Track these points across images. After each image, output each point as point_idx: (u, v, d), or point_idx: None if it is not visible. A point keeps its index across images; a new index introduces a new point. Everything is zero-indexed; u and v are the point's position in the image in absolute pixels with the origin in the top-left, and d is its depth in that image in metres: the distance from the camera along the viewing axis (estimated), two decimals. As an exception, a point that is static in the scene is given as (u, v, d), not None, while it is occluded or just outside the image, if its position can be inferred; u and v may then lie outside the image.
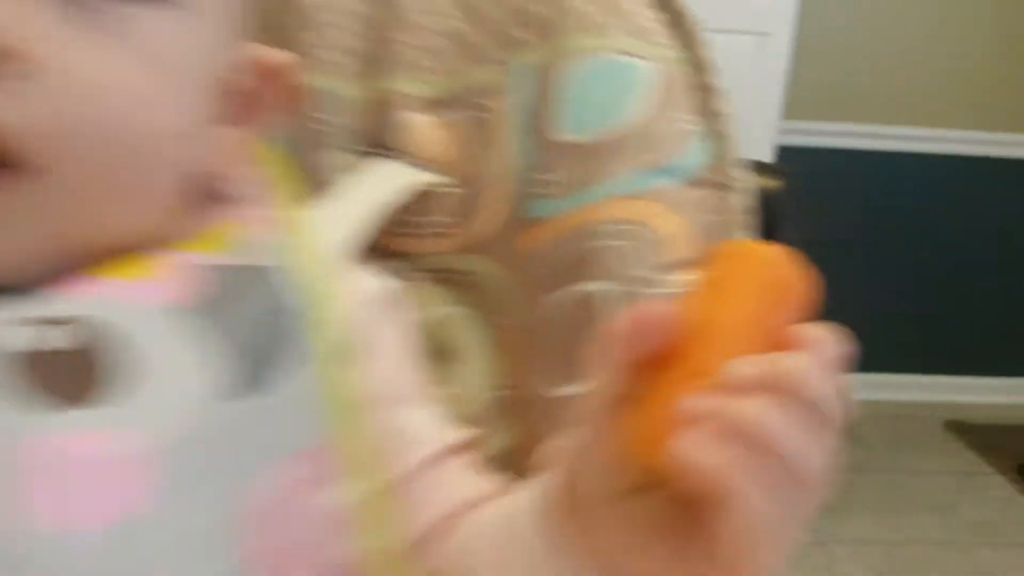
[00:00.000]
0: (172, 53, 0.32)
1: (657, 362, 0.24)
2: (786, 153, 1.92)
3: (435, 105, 0.46)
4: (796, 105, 1.93)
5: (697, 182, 0.40)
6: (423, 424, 0.36)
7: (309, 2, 0.46)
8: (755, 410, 0.23)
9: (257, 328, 0.32)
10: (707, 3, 1.49)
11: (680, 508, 0.25)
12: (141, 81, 0.30)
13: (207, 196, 0.36)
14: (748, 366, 0.24)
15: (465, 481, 0.36)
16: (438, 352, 0.43)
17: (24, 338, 0.28)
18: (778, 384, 0.23)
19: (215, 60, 0.34)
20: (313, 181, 0.45)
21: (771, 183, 0.51)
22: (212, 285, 0.32)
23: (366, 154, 0.46)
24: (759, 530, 0.23)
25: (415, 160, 0.46)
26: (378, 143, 0.46)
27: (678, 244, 0.39)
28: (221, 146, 0.36)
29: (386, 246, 0.45)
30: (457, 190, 0.45)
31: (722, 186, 0.40)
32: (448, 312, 0.45)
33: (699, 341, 0.24)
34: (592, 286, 0.39)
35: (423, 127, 0.46)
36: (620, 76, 0.41)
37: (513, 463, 0.39)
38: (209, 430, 0.29)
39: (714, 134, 0.40)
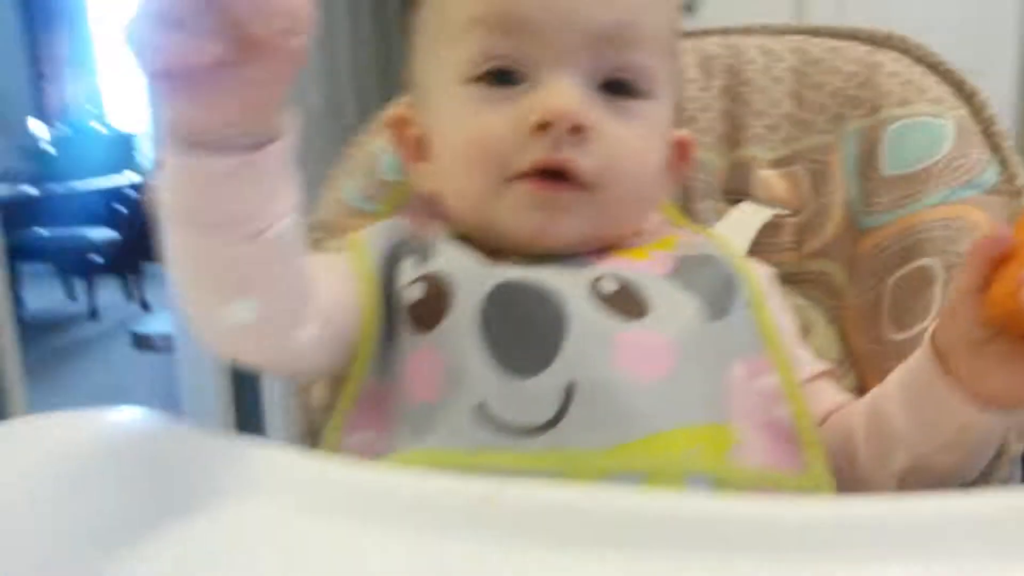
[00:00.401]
0: (658, 128, 0.55)
1: (1000, 261, 0.41)
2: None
3: (777, 163, 0.67)
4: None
5: (993, 191, 0.57)
6: (803, 355, 0.55)
7: (688, 102, 0.70)
8: None
9: (715, 285, 0.53)
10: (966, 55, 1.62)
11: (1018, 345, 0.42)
12: (643, 142, 0.54)
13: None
14: None
15: (835, 394, 0.54)
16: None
17: (603, 286, 0.51)
18: None
19: (668, 133, 0.57)
20: (695, 220, 0.67)
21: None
22: (683, 263, 0.54)
23: (735, 201, 0.68)
24: None
25: (766, 202, 0.67)
26: (743, 192, 0.68)
27: (984, 229, 0.56)
28: (665, 189, 0.59)
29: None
30: (794, 219, 0.66)
31: (1012, 193, 0.57)
32: (800, 303, 0.64)
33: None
34: (927, 261, 0.57)
35: (770, 178, 0.67)
36: (927, 130, 0.60)
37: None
38: (700, 336, 0.50)
39: (1000, 159, 0.58)
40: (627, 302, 0.50)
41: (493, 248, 0.54)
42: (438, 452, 0.47)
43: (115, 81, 5.86)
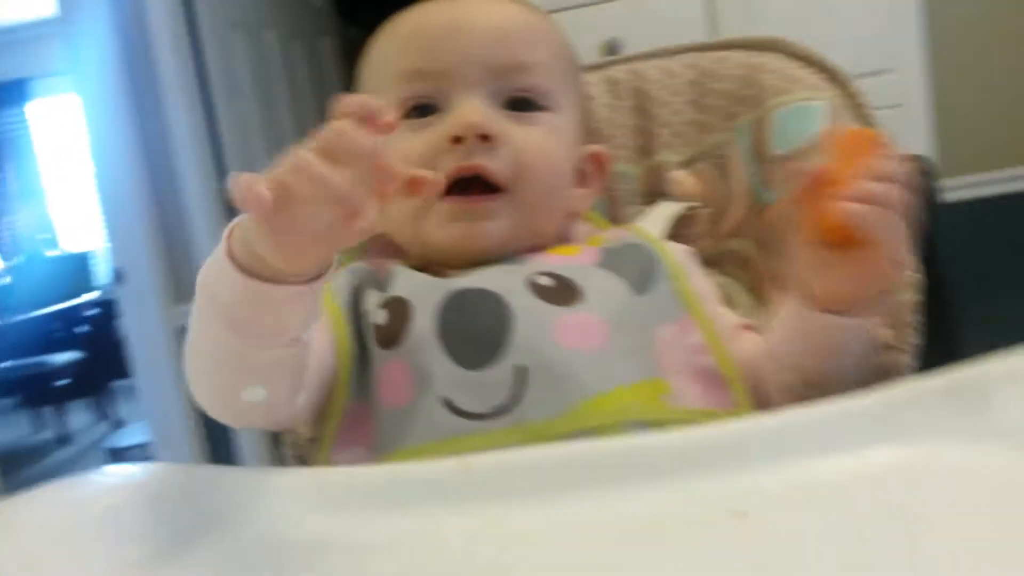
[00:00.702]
0: (561, 133, 0.63)
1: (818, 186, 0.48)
2: (946, 209, 2.06)
3: (686, 164, 0.76)
4: (946, 163, 2.10)
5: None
6: (724, 312, 0.63)
7: (602, 124, 0.78)
8: (876, 187, 0.47)
9: (639, 266, 0.60)
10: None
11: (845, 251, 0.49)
12: (546, 143, 0.62)
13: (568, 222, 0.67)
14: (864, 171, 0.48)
15: (756, 342, 0.61)
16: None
17: (538, 280, 0.58)
18: (880, 175, 0.47)
19: (574, 146, 0.65)
20: (618, 222, 0.75)
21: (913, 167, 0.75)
22: (609, 253, 0.61)
23: (651, 202, 0.76)
24: (887, 249, 0.47)
25: (680, 198, 0.75)
26: (660, 194, 0.76)
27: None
28: (575, 197, 0.66)
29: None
30: (708, 209, 0.74)
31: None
32: (720, 280, 0.72)
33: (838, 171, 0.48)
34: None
35: (682, 178, 0.75)
36: (805, 112, 0.69)
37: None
38: (629, 309, 0.57)
39: (864, 124, 0.67)
40: (562, 291, 0.57)
41: (439, 267, 0.62)
42: (414, 449, 0.53)
43: (65, 205, 5.90)
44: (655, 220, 0.72)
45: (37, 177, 5.86)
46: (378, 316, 0.59)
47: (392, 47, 0.65)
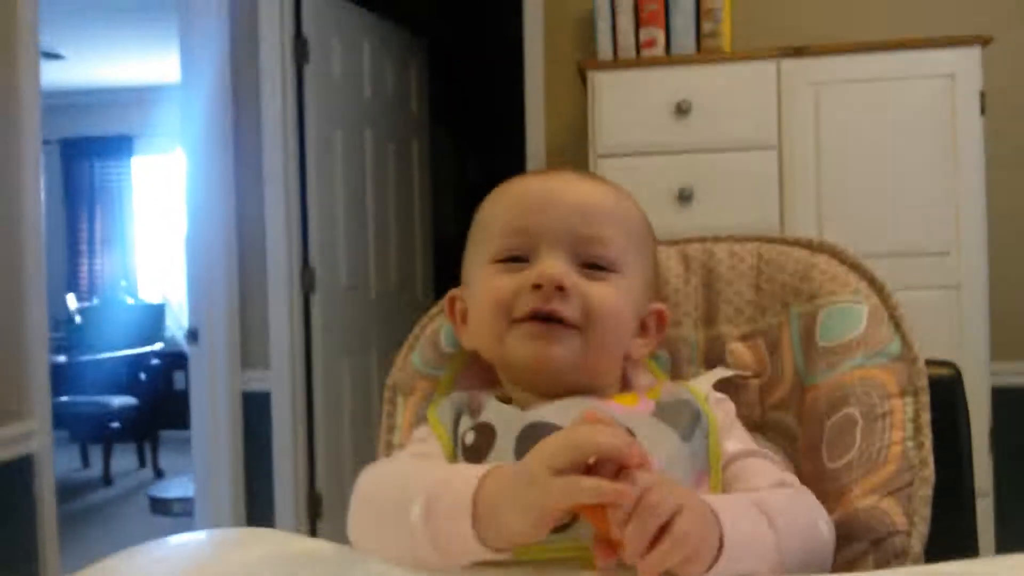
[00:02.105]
0: (625, 290, 0.76)
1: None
2: (1001, 394, 2.12)
3: (743, 338, 0.88)
4: (1002, 347, 2.17)
5: (896, 359, 0.76)
6: (731, 446, 0.73)
7: (672, 292, 0.91)
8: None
9: (687, 421, 0.71)
10: (908, 267, 1.87)
11: None
12: (611, 297, 0.74)
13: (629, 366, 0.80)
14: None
15: (759, 473, 0.71)
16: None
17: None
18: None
19: (640, 301, 0.78)
20: (678, 379, 0.86)
21: (944, 371, 0.86)
22: (662, 407, 0.73)
23: (709, 367, 0.88)
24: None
25: (735, 367, 0.86)
26: (718, 360, 0.87)
27: (890, 387, 0.75)
28: (636, 345, 0.79)
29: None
30: (757, 380, 0.85)
31: (909, 360, 0.76)
32: (765, 447, 0.82)
33: None
34: (850, 409, 0.75)
35: (738, 349, 0.87)
36: (849, 313, 0.80)
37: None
38: (677, 454, 0.68)
39: (901, 336, 0.77)
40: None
41: (520, 402, 0.74)
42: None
43: (147, 256, 6.22)
44: (707, 379, 0.83)
45: (127, 227, 6.22)
46: (468, 437, 0.72)
47: (499, 208, 0.80)
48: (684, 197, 2.08)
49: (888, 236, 2.03)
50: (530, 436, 0.69)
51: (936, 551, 0.68)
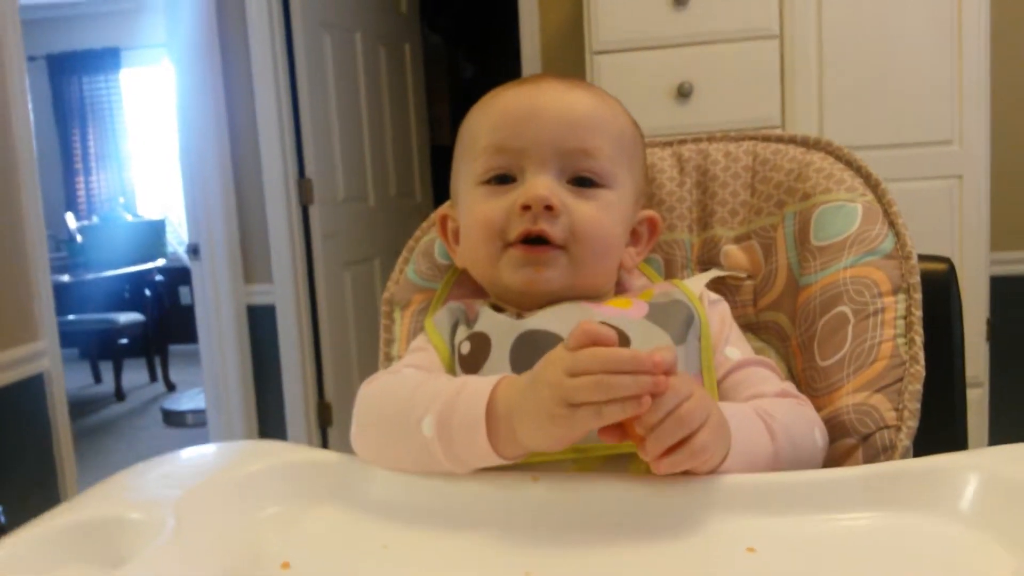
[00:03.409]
0: (614, 206, 0.75)
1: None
2: (1000, 284, 2.13)
3: (737, 239, 0.87)
4: (1002, 237, 2.17)
5: (889, 256, 0.76)
6: (732, 353, 0.75)
7: (667, 195, 0.90)
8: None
9: (681, 322, 0.72)
10: (910, 158, 1.86)
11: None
12: (600, 215, 0.74)
13: (625, 272, 0.80)
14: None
15: (758, 382, 0.73)
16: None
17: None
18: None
19: (629, 213, 0.77)
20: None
21: (937, 266, 0.86)
22: (655, 308, 0.73)
23: (704, 269, 0.88)
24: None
25: (730, 268, 0.86)
26: (712, 263, 0.87)
27: (882, 285, 0.75)
28: (629, 255, 0.79)
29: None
30: (750, 281, 0.85)
31: (903, 257, 0.76)
32: (758, 345, 0.83)
33: None
34: (843, 308, 0.75)
35: (732, 251, 0.87)
36: (843, 212, 0.79)
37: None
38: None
39: (895, 232, 0.77)
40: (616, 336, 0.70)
41: (513, 308, 0.75)
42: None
43: (143, 172, 6.17)
44: (700, 280, 0.83)
45: (121, 143, 6.14)
46: (464, 347, 0.72)
47: (482, 124, 0.78)
48: (683, 93, 2.04)
49: (890, 126, 2.00)
50: (525, 343, 0.70)
51: (926, 445, 0.69)
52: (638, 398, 0.53)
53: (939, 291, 0.85)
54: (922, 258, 0.79)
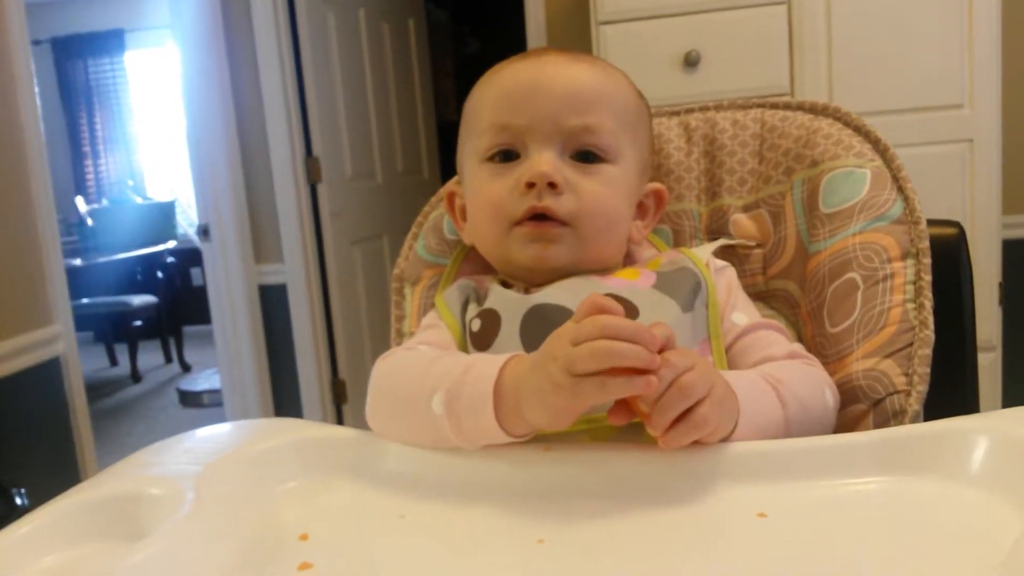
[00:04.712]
0: (618, 181, 0.75)
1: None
2: (1012, 247, 2.12)
3: (745, 208, 0.87)
4: (1014, 200, 2.15)
5: (898, 221, 0.76)
6: (740, 318, 0.75)
7: (674, 165, 0.90)
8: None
9: (688, 290, 0.72)
10: (921, 122, 1.84)
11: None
12: (604, 190, 0.74)
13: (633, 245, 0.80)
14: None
15: (767, 345, 0.73)
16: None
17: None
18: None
19: (634, 186, 0.77)
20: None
21: (947, 231, 0.85)
22: (663, 277, 0.73)
23: (712, 239, 0.88)
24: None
25: (739, 237, 0.86)
26: (721, 232, 0.87)
27: (891, 251, 0.75)
28: (636, 228, 0.79)
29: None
30: (759, 249, 0.85)
31: (912, 222, 0.76)
32: (768, 313, 0.83)
33: None
34: (852, 274, 0.75)
35: (741, 220, 0.87)
36: (852, 178, 0.79)
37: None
38: (679, 323, 0.70)
39: (904, 197, 0.77)
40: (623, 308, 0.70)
41: (522, 284, 0.75)
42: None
43: (151, 154, 6.17)
44: (707, 248, 0.83)
45: (128, 125, 6.14)
46: (475, 324, 0.73)
47: (485, 101, 0.78)
48: (690, 62, 2.02)
49: (900, 91, 1.97)
50: (534, 318, 0.70)
51: (937, 409, 0.69)
52: (642, 373, 0.54)
53: (949, 256, 0.84)
54: (931, 223, 0.79)
